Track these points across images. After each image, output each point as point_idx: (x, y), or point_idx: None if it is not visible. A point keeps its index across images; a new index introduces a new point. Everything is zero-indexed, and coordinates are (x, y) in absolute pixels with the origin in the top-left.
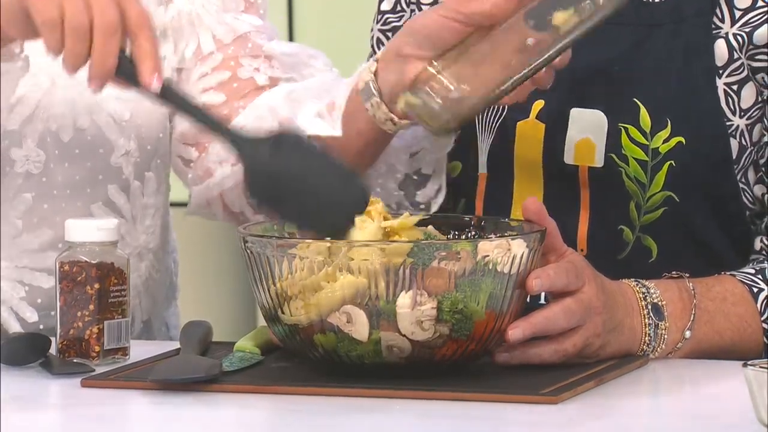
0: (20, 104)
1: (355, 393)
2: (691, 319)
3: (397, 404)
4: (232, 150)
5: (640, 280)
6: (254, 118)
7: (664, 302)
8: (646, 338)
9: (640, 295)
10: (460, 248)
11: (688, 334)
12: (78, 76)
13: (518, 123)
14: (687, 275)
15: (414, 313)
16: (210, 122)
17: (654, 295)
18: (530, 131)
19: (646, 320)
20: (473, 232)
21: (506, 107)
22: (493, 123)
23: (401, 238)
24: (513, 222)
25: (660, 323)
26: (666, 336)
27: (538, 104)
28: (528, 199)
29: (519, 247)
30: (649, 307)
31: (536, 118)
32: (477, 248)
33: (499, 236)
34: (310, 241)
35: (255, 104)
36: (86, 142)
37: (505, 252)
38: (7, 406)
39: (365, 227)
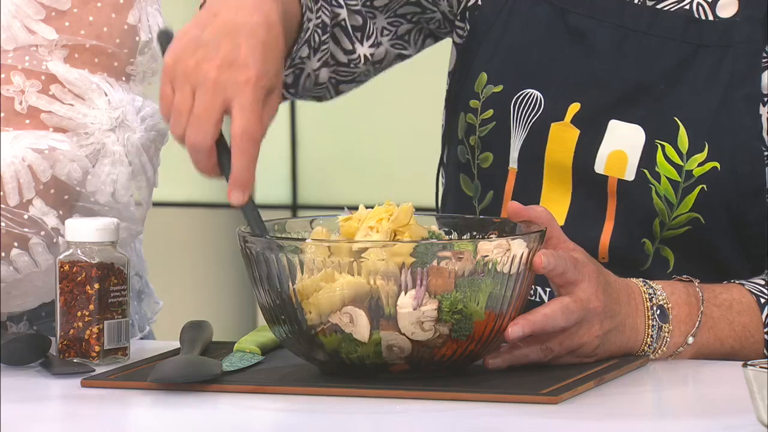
0: None
1: (355, 393)
2: (696, 325)
3: (398, 404)
4: None
5: (648, 281)
6: None
7: (670, 305)
8: (648, 339)
9: (647, 296)
10: (461, 248)
11: (690, 340)
12: None
13: (552, 124)
14: (698, 280)
15: (415, 314)
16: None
17: (660, 297)
18: (563, 135)
19: (651, 321)
20: (474, 232)
21: (543, 106)
22: (527, 120)
23: (405, 237)
24: (513, 222)
25: (664, 325)
26: (668, 339)
27: (574, 107)
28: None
29: (519, 247)
30: (655, 308)
31: (571, 122)
32: (477, 248)
33: (499, 236)
34: (311, 241)
35: None
36: None
37: (504, 252)
38: (7, 406)
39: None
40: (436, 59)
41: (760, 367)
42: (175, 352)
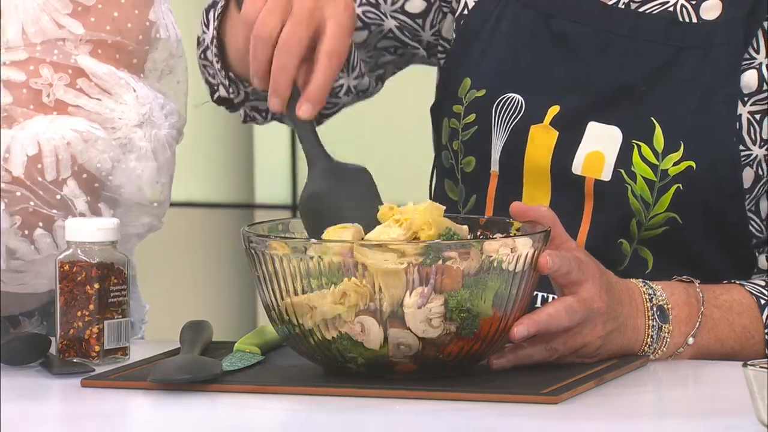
0: None
1: (355, 393)
2: (697, 326)
3: (398, 404)
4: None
5: (648, 282)
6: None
7: (669, 305)
8: (648, 339)
9: (647, 296)
10: (468, 247)
11: (691, 340)
12: None
13: (532, 127)
14: (698, 281)
15: (422, 311)
16: (309, 148)
17: (660, 298)
18: (543, 137)
19: (650, 321)
20: (480, 232)
21: (524, 109)
22: (508, 123)
23: (426, 231)
24: (518, 223)
25: (664, 326)
26: (668, 339)
27: (554, 110)
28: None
29: (524, 246)
30: (655, 308)
31: (550, 124)
32: (483, 247)
33: (505, 235)
34: (316, 241)
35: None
36: None
37: (510, 251)
38: (7, 407)
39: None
40: None
41: (760, 367)
42: (175, 352)
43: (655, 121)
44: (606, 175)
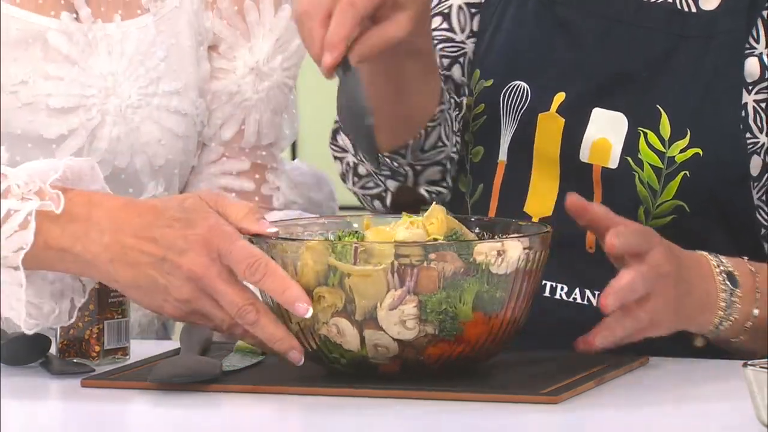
0: (72, 137)
1: (355, 393)
2: (756, 297)
3: (397, 404)
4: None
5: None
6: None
7: (737, 273)
8: (722, 303)
9: (714, 263)
10: (444, 249)
11: (756, 312)
12: (127, 117)
13: (539, 115)
14: (746, 258)
15: (395, 313)
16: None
17: (727, 264)
18: (550, 125)
19: (722, 286)
20: (481, 232)
21: (530, 97)
22: (517, 111)
23: (436, 225)
24: (520, 222)
25: (735, 290)
26: (739, 306)
27: (560, 97)
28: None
29: (514, 248)
30: (724, 274)
31: (556, 111)
32: (470, 248)
33: (492, 239)
34: (313, 240)
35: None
36: (120, 180)
37: (497, 253)
38: (7, 406)
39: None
40: None
41: (760, 367)
42: (175, 352)
43: (661, 109)
44: (613, 163)
